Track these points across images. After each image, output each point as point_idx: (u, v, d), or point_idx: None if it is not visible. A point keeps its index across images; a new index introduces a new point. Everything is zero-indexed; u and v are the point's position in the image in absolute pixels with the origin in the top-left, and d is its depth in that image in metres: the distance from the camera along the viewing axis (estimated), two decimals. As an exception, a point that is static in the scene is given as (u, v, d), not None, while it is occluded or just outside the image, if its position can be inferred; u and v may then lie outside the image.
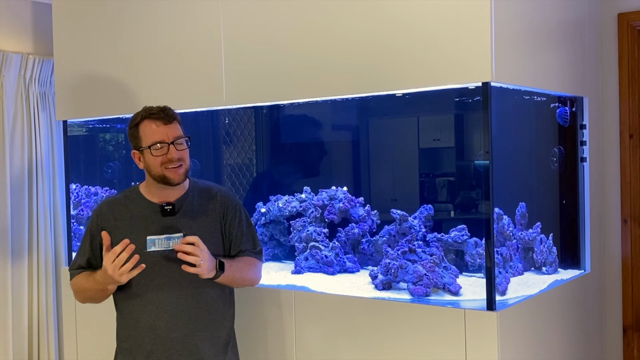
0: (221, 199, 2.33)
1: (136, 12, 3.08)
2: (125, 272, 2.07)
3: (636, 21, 2.98)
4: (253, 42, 2.70)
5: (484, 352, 2.18)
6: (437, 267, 2.48)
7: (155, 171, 2.22)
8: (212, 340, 2.27)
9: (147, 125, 2.22)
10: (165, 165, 2.20)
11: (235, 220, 2.33)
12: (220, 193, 2.35)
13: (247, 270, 2.32)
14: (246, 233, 2.35)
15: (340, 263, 2.82)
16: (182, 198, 2.29)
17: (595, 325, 3.01)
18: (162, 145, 2.19)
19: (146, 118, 2.22)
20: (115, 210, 2.29)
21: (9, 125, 3.65)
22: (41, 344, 3.78)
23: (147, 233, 2.22)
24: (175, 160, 2.20)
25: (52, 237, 3.84)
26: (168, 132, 2.20)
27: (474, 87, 2.24)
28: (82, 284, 2.28)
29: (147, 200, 2.29)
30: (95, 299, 2.30)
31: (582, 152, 2.86)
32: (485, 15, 2.14)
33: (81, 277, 2.28)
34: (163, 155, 2.20)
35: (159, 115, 2.21)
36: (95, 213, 2.32)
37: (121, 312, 2.31)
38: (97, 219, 2.30)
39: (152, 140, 2.20)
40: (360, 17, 2.42)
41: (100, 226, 2.27)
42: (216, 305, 2.28)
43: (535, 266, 2.73)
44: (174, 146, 2.20)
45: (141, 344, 2.24)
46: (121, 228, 2.25)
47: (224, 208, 2.32)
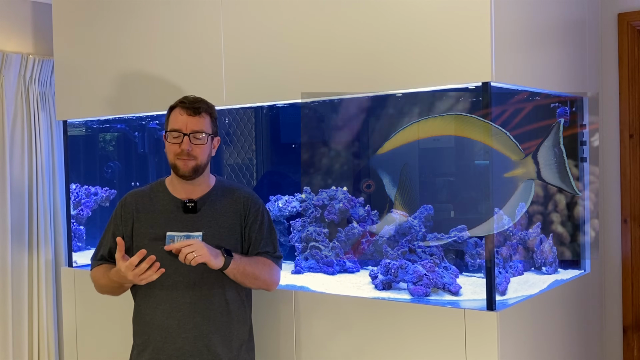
0: (244, 201, 2.32)
1: (136, 12, 3.08)
2: (146, 278, 2.08)
3: (636, 21, 2.98)
4: (253, 42, 2.70)
5: (484, 352, 2.18)
6: (437, 267, 2.48)
7: (170, 158, 2.26)
8: (224, 342, 2.26)
9: (175, 112, 2.25)
10: (178, 156, 2.22)
11: (256, 223, 2.31)
12: (244, 195, 2.34)
13: (261, 269, 2.27)
14: (266, 237, 2.33)
15: (340, 263, 2.82)
16: (206, 196, 2.29)
17: (595, 325, 3.01)
18: (178, 135, 2.20)
19: (178, 105, 2.25)
20: (139, 202, 2.31)
21: (9, 126, 3.65)
22: (41, 344, 3.78)
23: (167, 228, 2.22)
24: (185, 152, 2.20)
25: (52, 237, 3.84)
26: (189, 123, 2.21)
27: (474, 87, 2.24)
28: (99, 279, 2.30)
29: (171, 194, 2.29)
30: (113, 294, 2.33)
31: (582, 152, 2.86)
32: (485, 15, 2.14)
33: (99, 271, 2.30)
34: (177, 144, 2.21)
35: (186, 105, 2.23)
36: (120, 204, 2.34)
37: (137, 308, 2.32)
38: (121, 210, 2.32)
39: (171, 127, 2.23)
40: (360, 17, 2.42)
41: (123, 217, 2.29)
42: (231, 307, 2.27)
43: (535, 266, 2.73)
44: (189, 138, 2.20)
45: (152, 341, 2.24)
46: (142, 220, 2.26)
47: (246, 210, 2.31)
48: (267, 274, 2.30)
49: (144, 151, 3.70)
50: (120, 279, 2.14)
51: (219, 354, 2.24)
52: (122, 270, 2.08)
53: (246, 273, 2.23)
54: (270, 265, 2.32)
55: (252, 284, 2.30)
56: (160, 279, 2.17)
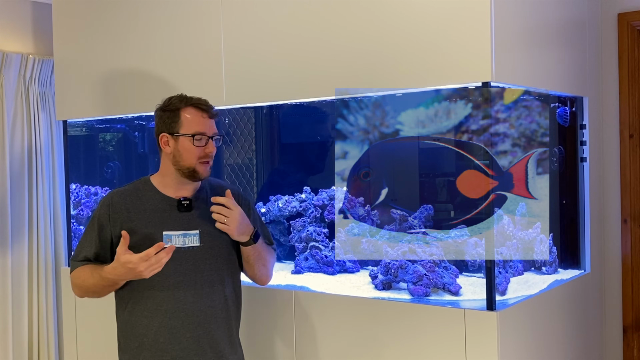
0: (235, 196, 2.30)
1: (136, 12, 3.09)
2: (157, 268, 2.06)
3: (636, 21, 2.98)
4: (253, 42, 2.70)
5: (484, 352, 2.18)
6: (437, 267, 2.48)
7: (189, 162, 2.19)
8: (225, 339, 2.25)
9: (193, 113, 2.19)
10: (201, 159, 2.19)
11: (250, 216, 2.30)
12: (233, 191, 2.32)
13: (270, 259, 2.34)
14: (259, 228, 2.34)
15: (340, 263, 2.82)
16: (198, 194, 2.27)
17: (595, 325, 3.01)
18: (202, 138, 2.18)
19: (192, 105, 2.20)
20: (127, 201, 2.23)
21: (9, 125, 3.65)
22: (41, 344, 3.78)
23: (163, 228, 2.19)
24: (209, 156, 2.20)
25: (52, 237, 3.84)
26: (211, 126, 2.21)
27: (474, 87, 2.25)
28: (85, 279, 2.20)
29: (161, 193, 2.24)
30: (99, 294, 2.24)
31: (582, 152, 2.86)
32: (485, 15, 2.14)
33: (84, 272, 2.21)
34: (201, 147, 2.19)
35: (206, 108, 2.21)
36: (105, 203, 2.24)
37: (131, 311, 2.24)
38: (108, 210, 2.22)
39: (195, 129, 2.18)
40: (360, 17, 2.42)
41: (111, 217, 2.21)
42: (229, 304, 2.27)
43: (535, 266, 2.73)
44: (212, 141, 2.21)
45: (153, 342, 2.20)
46: (135, 221, 2.20)
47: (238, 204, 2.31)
48: (271, 265, 2.36)
49: (144, 151, 3.70)
50: (117, 275, 2.09)
51: (221, 351, 2.24)
52: (131, 263, 2.03)
53: (261, 257, 2.28)
54: (274, 257, 2.38)
55: (258, 270, 2.31)
56: (161, 279, 2.15)
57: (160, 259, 2.04)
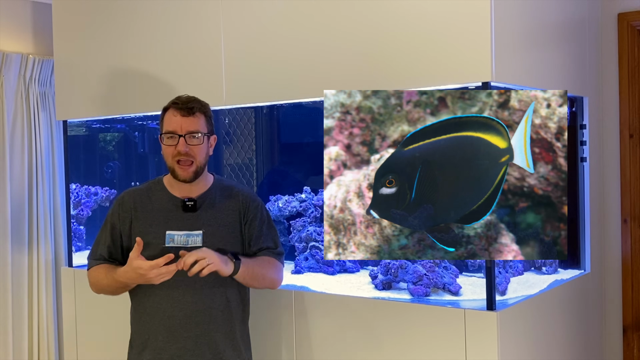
0: (243, 199, 2.31)
1: (136, 12, 3.09)
2: (166, 277, 2.08)
3: (636, 21, 2.98)
4: (253, 42, 2.70)
5: (484, 352, 2.18)
6: (437, 267, 2.48)
7: (168, 162, 2.23)
8: (225, 340, 2.26)
9: (169, 113, 2.22)
10: (175, 158, 2.19)
11: (256, 219, 2.31)
12: (243, 193, 2.33)
13: (267, 268, 2.29)
14: (266, 233, 2.33)
15: (340, 263, 2.82)
16: (204, 195, 2.28)
17: (595, 325, 3.01)
18: (173, 136, 2.18)
19: (171, 106, 2.22)
20: (137, 200, 2.28)
21: (9, 125, 3.66)
22: (41, 344, 3.78)
23: (166, 227, 2.21)
24: (183, 154, 2.18)
25: (52, 237, 3.84)
26: (183, 124, 2.18)
27: (474, 87, 2.24)
28: (100, 279, 2.25)
29: (169, 193, 2.28)
30: (114, 294, 2.30)
31: (582, 152, 2.86)
32: (485, 15, 2.14)
33: (100, 272, 2.26)
34: (173, 146, 2.19)
35: (179, 106, 2.20)
36: (117, 202, 2.31)
37: (135, 308, 2.30)
38: (119, 208, 2.29)
39: (165, 128, 2.21)
40: (360, 17, 2.42)
41: (121, 216, 2.27)
42: (232, 306, 2.28)
43: (535, 266, 2.73)
44: (184, 139, 2.18)
45: (153, 341, 2.23)
46: (141, 219, 2.24)
47: (245, 208, 2.31)
48: (274, 273, 2.32)
49: (144, 151, 3.70)
50: (128, 279, 2.13)
51: (220, 353, 2.24)
52: (141, 269, 2.06)
53: (255, 275, 2.25)
54: (275, 263, 2.33)
55: (260, 284, 2.31)
56: None
57: (170, 269, 2.07)
